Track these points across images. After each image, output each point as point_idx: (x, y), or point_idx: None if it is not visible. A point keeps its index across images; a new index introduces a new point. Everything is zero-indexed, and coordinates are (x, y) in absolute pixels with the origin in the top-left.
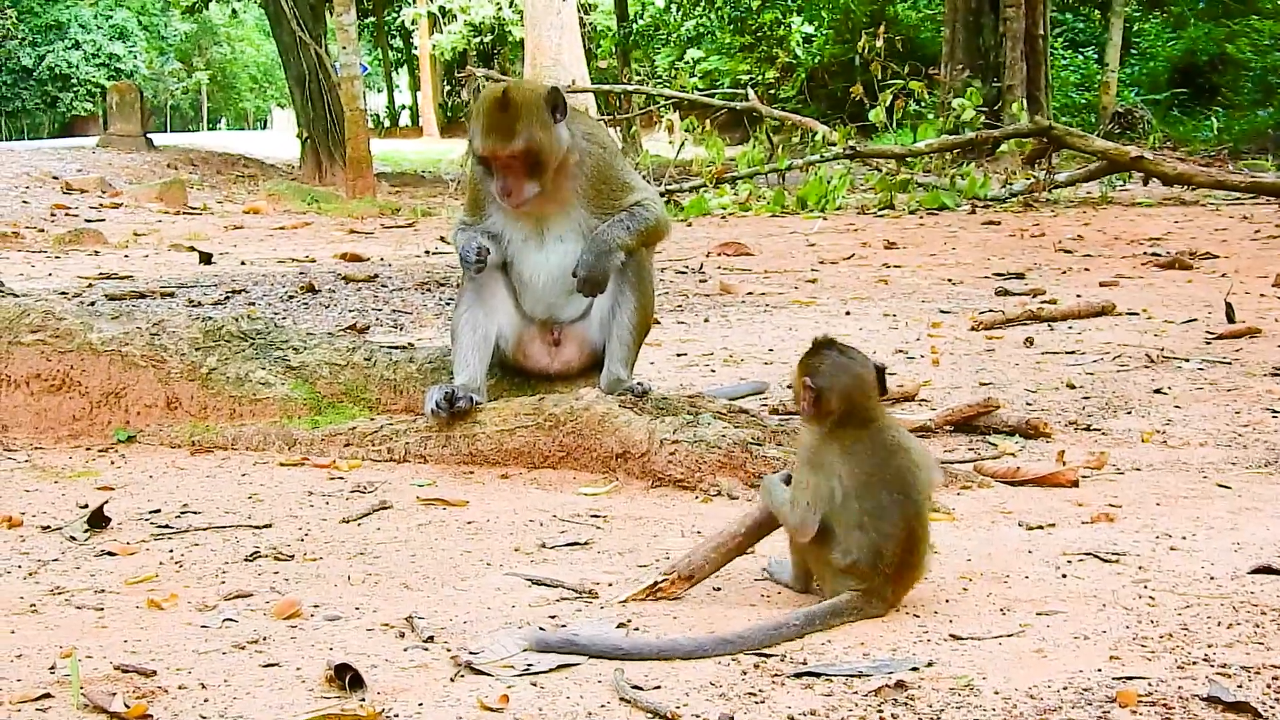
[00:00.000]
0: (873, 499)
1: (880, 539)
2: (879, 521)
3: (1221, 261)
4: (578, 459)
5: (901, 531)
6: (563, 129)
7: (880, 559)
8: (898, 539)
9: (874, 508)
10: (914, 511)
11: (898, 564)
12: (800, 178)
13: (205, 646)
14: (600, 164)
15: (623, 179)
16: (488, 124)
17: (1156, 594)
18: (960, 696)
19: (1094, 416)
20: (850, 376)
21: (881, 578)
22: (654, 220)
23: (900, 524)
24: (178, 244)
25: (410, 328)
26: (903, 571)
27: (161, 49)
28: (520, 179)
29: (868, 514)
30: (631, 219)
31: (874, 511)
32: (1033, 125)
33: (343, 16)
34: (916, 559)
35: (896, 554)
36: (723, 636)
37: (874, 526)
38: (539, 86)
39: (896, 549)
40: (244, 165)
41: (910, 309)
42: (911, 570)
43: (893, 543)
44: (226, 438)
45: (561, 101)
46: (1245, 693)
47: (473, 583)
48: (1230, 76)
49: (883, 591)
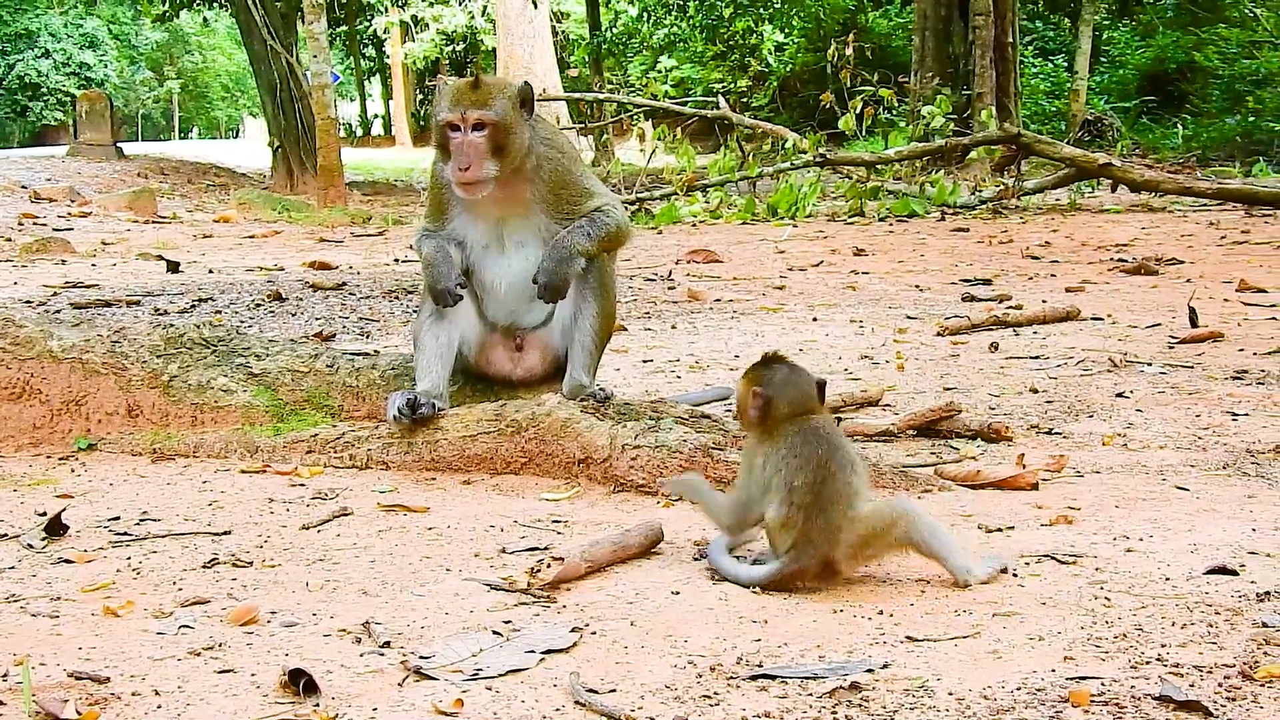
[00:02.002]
0: (793, 460)
1: (795, 490)
2: (794, 474)
3: (1187, 267)
4: (540, 464)
5: (815, 479)
6: (526, 128)
7: (794, 502)
8: (810, 487)
9: (793, 465)
10: (828, 473)
11: (815, 509)
12: (771, 185)
13: (160, 653)
14: (559, 169)
15: (582, 184)
16: (458, 93)
17: (1112, 595)
18: (914, 698)
19: (1056, 420)
20: (795, 388)
21: (805, 521)
22: (614, 226)
23: (812, 477)
24: (146, 253)
25: (377, 335)
26: (824, 523)
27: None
28: (480, 157)
29: (785, 474)
30: (592, 225)
31: (792, 468)
32: (1002, 132)
33: (314, 25)
34: (836, 514)
35: (809, 499)
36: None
37: (789, 480)
38: (513, 79)
39: (808, 495)
40: (215, 174)
41: (877, 315)
42: (835, 527)
43: (804, 490)
44: (188, 445)
45: (531, 98)
46: (1197, 692)
47: (431, 588)
48: (1198, 84)
49: (812, 538)
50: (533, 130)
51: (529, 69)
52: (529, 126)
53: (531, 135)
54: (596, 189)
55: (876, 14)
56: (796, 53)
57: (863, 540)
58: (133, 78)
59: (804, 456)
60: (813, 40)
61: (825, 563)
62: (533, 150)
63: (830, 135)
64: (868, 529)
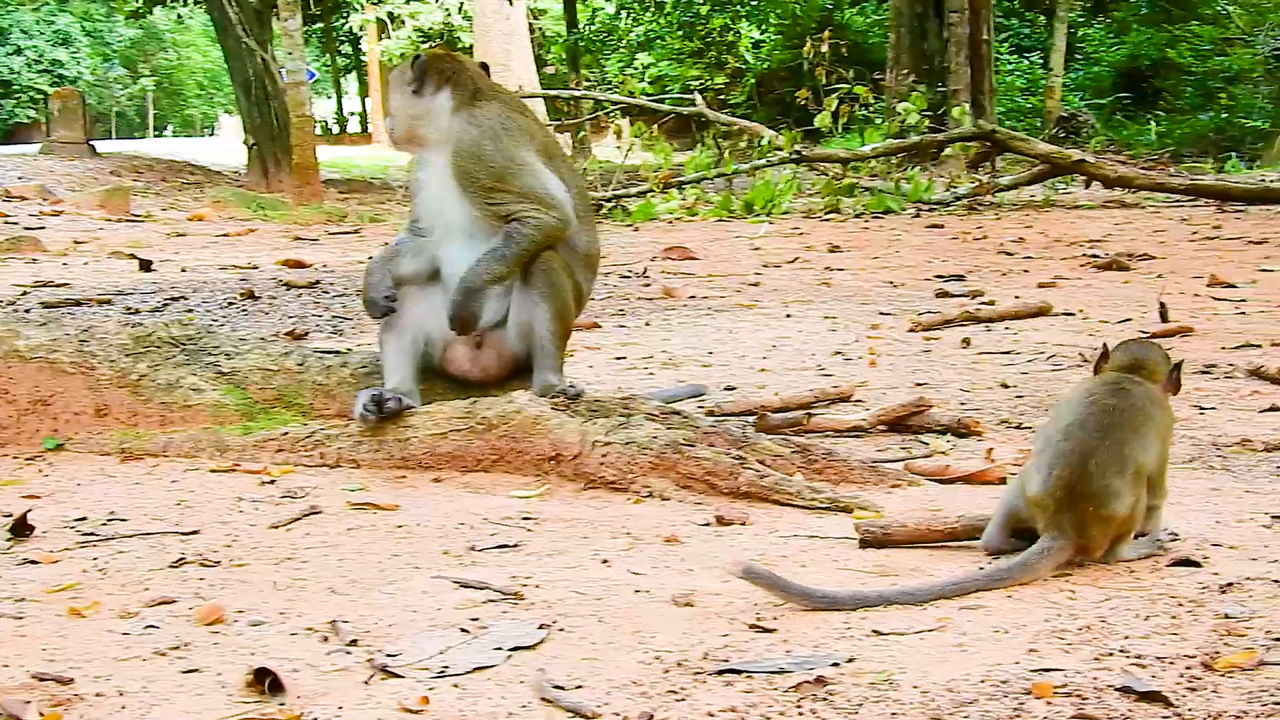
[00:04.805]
0: (1071, 416)
1: (1055, 458)
2: (1062, 440)
3: (1159, 263)
4: (510, 462)
5: (1075, 452)
6: (424, 103)
7: (1049, 480)
8: (1069, 459)
9: (1066, 424)
10: (1098, 442)
11: (1068, 489)
12: (747, 182)
13: (125, 653)
14: (473, 147)
15: (504, 172)
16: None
17: (1077, 587)
18: (879, 691)
19: (1026, 415)
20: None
21: (1055, 503)
22: (534, 239)
23: (1076, 445)
24: (118, 252)
25: (351, 334)
26: (1074, 500)
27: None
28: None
29: (1059, 430)
30: (507, 244)
31: (1064, 429)
32: (976, 129)
33: (288, 22)
34: (1090, 490)
35: (1065, 475)
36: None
37: (1058, 444)
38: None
39: (1065, 470)
40: (189, 172)
41: (851, 311)
42: (1084, 500)
43: (1063, 463)
44: (157, 445)
45: (424, 74)
46: (1158, 682)
47: (399, 586)
48: (1172, 81)
49: (1060, 523)
50: (454, 107)
51: (506, 66)
52: (433, 98)
53: (446, 109)
54: (523, 185)
55: (853, 11)
56: (773, 50)
57: None
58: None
59: (1075, 422)
60: (789, 37)
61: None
62: (452, 129)
63: (806, 132)
64: None
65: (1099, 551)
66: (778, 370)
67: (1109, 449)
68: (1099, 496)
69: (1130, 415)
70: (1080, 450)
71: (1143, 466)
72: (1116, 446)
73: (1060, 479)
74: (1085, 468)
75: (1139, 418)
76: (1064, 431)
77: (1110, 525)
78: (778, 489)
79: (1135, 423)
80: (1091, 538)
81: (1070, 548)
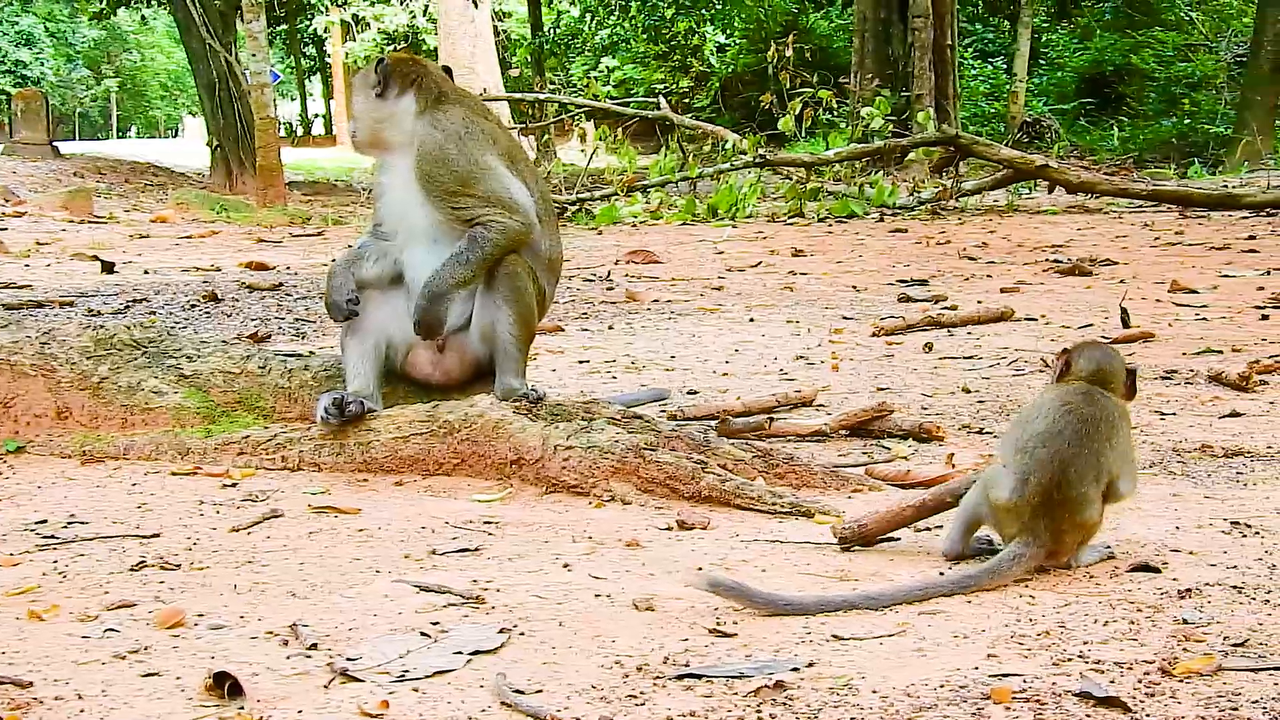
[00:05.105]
0: (1045, 424)
1: (1030, 465)
2: (1039, 448)
3: (1121, 268)
4: (472, 466)
5: (1053, 460)
6: (389, 106)
7: (1025, 487)
8: (1047, 467)
9: (1040, 432)
10: (1076, 451)
11: (1045, 496)
12: (712, 186)
13: (85, 657)
14: (436, 150)
15: (467, 177)
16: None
17: (1036, 593)
18: (839, 696)
19: (987, 420)
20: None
21: (1030, 510)
22: (496, 244)
23: (1054, 453)
24: (81, 253)
25: (313, 336)
26: (1051, 508)
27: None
28: (358, 112)
29: (1033, 437)
30: (472, 248)
31: (1038, 437)
32: (940, 134)
33: (252, 24)
34: (1069, 498)
35: (1044, 483)
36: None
37: (1033, 451)
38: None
39: (1044, 477)
40: (153, 174)
41: (814, 316)
42: (1061, 509)
43: (1041, 470)
44: (118, 447)
45: (386, 79)
46: (1117, 688)
47: (360, 590)
48: (1135, 87)
49: (1034, 529)
50: (418, 110)
51: (471, 69)
52: (396, 101)
53: (410, 112)
54: (485, 190)
55: (817, 16)
56: (738, 54)
57: None
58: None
59: (1051, 428)
60: (754, 41)
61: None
62: (415, 133)
63: (770, 136)
64: None
65: (1066, 557)
66: (740, 374)
67: (1086, 458)
68: (1076, 504)
69: (1105, 426)
70: (1059, 458)
71: (1114, 476)
72: (1094, 456)
73: (1039, 486)
74: (1065, 476)
75: (1111, 429)
76: (1040, 439)
77: (1081, 532)
78: (739, 493)
79: (1108, 432)
80: (1064, 544)
81: (1041, 554)
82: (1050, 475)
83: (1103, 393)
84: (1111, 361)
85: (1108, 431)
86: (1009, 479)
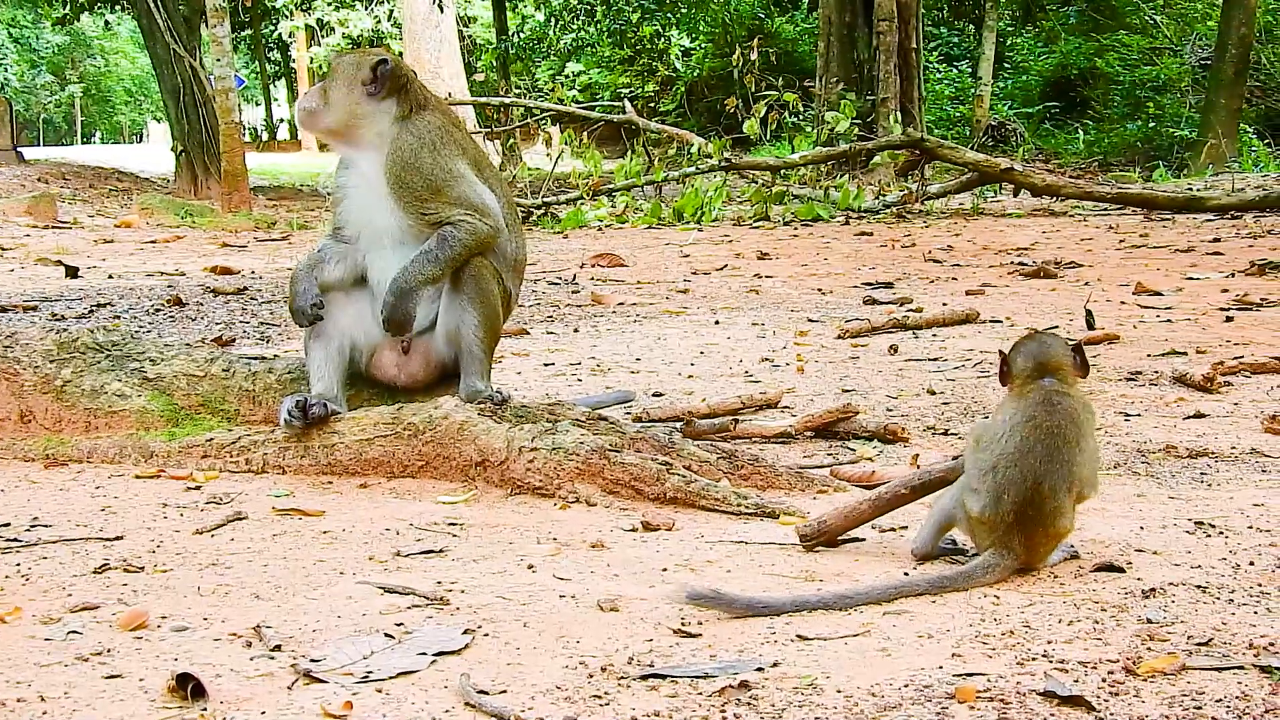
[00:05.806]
0: (1014, 443)
1: (1003, 484)
2: (1010, 467)
3: (1086, 270)
4: (437, 468)
5: (1026, 480)
6: (372, 103)
7: (999, 505)
8: (1021, 486)
9: (1010, 452)
10: (1049, 467)
11: (1020, 512)
12: (678, 190)
13: (47, 659)
14: (409, 154)
15: (439, 182)
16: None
17: (1001, 593)
18: (803, 695)
19: (952, 421)
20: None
21: (1004, 525)
22: (466, 243)
23: (1026, 472)
24: (45, 258)
25: (278, 340)
26: (1025, 523)
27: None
28: (317, 94)
29: (1003, 457)
30: (441, 246)
31: (1008, 457)
32: (905, 137)
33: (217, 29)
34: (1044, 512)
35: (1018, 501)
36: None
37: (1004, 470)
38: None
39: (1018, 496)
40: (118, 179)
41: (779, 318)
42: (1036, 524)
43: (1014, 489)
44: (81, 451)
45: (381, 77)
46: (1081, 687)
47: (324, 591)
48: (1100, 90)
49: (1008, 542)
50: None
51: (436, 73)
52: (380, 102)
53: (390, 115)
54: (457, 194)
55: (782, 19)
56: (703, 58)
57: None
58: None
59: (1023, 445)
60: (720, 45)
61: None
62: (390, 136)
63: (736, 140)
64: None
65: (1039, 563)
66: (705, 377)
67: (1058, 471)
68: (1050, 517)
69: (1071, 431)
70: (1033, 476)
71: (1084, 479)
72: (1065, 468)
73: (1014, 504)
74: (1039, 492)
75: (1078, 432)
76: (1010, 458)
77: (1055, 540)
78: (704, 494)
79: (1073, 436)
80: (1038, 555)
81: (1015, 565)
82: (1024, 495)
83: (1059, 392)
84: (1050, 349)
85: (1075, 437)
86: (984, 495)
